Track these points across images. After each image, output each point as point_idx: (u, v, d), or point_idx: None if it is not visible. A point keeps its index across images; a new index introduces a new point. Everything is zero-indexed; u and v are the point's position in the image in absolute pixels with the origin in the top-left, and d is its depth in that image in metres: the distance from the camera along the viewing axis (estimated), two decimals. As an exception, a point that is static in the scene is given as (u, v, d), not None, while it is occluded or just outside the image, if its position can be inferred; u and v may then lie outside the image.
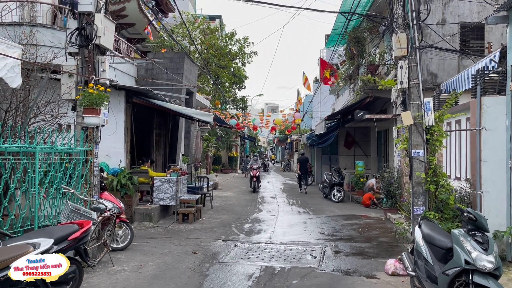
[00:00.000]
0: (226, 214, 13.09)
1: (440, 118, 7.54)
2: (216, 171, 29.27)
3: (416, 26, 7.36)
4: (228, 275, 6.81)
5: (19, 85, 6.42)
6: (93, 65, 7.68)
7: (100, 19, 7.56)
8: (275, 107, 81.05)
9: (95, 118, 7.42)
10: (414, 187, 7.49)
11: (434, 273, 4.84)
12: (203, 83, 26.68)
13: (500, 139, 7.17)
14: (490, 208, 7.16)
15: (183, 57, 16.11)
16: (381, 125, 16.34)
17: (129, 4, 16.96)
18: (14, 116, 7.69)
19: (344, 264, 7.54)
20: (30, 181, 6.49)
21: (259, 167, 21.35)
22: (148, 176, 11.61)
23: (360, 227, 11.12)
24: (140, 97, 11.91)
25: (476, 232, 4.64)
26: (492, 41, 12.56)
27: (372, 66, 15.63)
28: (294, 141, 38.61)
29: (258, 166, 21.03)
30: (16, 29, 9.86)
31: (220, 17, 37.40)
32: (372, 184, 15.53)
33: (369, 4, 15.59)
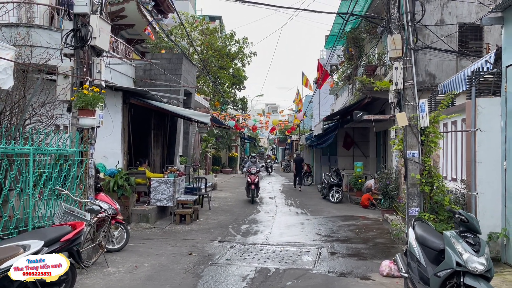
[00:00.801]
0: (224, 215, 13.08)
1: (435, 119, 7.53)
2: (216, 172, 29.26)
3: (410, 27, 7.35)
4: (223, 276, 6.80)
5: (10, 87, 6.42)
6: (89, 66, 7.69)
7: (96, 20, 7.57)
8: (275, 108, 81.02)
9: (90, 119, 7.43)
10: (409, 188, 7.48)
11: (427, 274, 4.83)
12: (202, 83, 26.70)
13: (495, 140, 7.15)
14: (485, 209, 7.14)
15: (181, 58, 16.12)
16: (380, 126, 16.32)
17: (128, 5, 16.97)
18: (9, 117, 7.69)
19: (340, 265, 7.53)
20: (24, 182, 6.49)
21: (258, 171, 16.78)
22: (145, 177, 11.61)
23: (357, 228, 11.10)
24: (138, 98, 11.92)
25: (468, 234, 4.63)
26: (490, 41, 12.53)
27: (371, 67, 15.60)
28: (294, 141, 38.61)
29: (257, 170, 16.67)
30: (13, 30, 9.87)
31: (220, 18, 37.41)
32: (370, 185, 15.52)
33: (367, 5, 15.58)
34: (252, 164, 17.40)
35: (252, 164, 17.40)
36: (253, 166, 16.93)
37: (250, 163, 17.72)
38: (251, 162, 17.73)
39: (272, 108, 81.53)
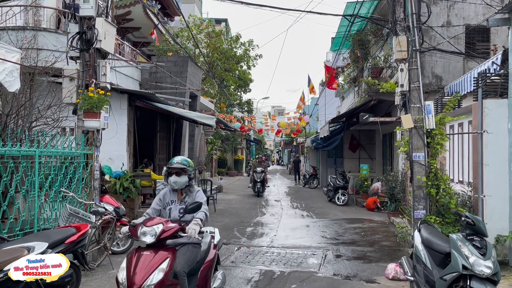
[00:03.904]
0: (229, 217, 13.07)
1: (441, 121, 7.48)
2: (222, 174, 29.29)
3: (416, 28, 7.31)
4: (227, 279, 6.74)
5: (17, 89, 6.47)
6: (94, 68, 7.72)
7: (101, 23, 7.60)
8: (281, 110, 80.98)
9: (95, 121, 7.45)
10: (415, 190, 7.42)
11: (433, 278, 4.78)
12: (208, 86, 26.76)
13: (502, 142, 7.08)
14: (492, 212, 7.07)
15: (186, 60, 16.17)
16: (386, 128, 16.24)
17: (135, 8, 17.05)
18: (15, 119, 7.74)
19: (345, 268, 7.48)
20: (30, 184, 6.52)
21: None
22: (150, 179, 11.63)
23: (363, 231, 11.04)
24: (143, 101, 11.96)
25: (475, 237, 4.58)
26: (497, 43, 12.42)
27: (377, 69, 15.55)
28: (299, 144, 38.54)
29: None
30: (20, 33, 9.95)
31: (226, 21, 37.56)
32: (377, 187, 15.43)
33: (373, 7, 15.54)
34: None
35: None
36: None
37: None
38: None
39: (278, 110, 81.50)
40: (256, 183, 18.84)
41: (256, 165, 19.91)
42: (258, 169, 18.94)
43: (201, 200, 4.58)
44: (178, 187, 4.72)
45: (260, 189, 18.81)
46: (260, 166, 19.42)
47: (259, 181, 18.87)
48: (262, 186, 19.03)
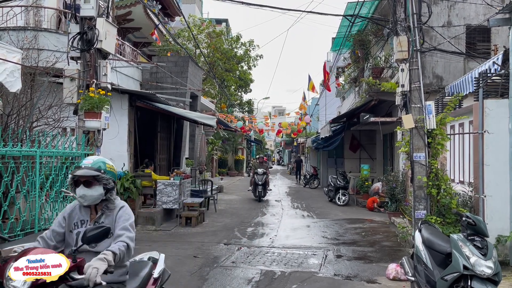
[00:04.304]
0: (230, 217, 13.07)
1: (442, 121, 7.47)
2: (222, 174, 29.29)
3: (417, 29, 7.31)
4: (228, 279, 6.78)
5: (18, 90, 6.48)
6: (95, 69, 7.74)
7: (102, 23, 7.62)
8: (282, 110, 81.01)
9: (95, 121, 7.46)
10: (416, 191, 7.42)
11: (434, 278, 4.78)
12: (209, 86, 26.76)
13: (503, 142, 7.08)
14: (493, 212, 7.06)
15: (187, 60, 16.17)
16: (387, 128, 16.24)
17: (135, 8, 17.07)
18: (16, 119, 7.76)
19: (346, 268, 7.48)
20: (31, 184, 6.53)
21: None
22: (151, 179, 11.64)
23: (364, 231, 11.04)
24: (144, 101, 11.96)
25: (475, 237, 4.58)
26: (498, 43, 12.41)
27: (377, 69, 15.55)
28: (300, 144, 38.53)
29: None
30: (21, 34, 9.96)
31: (227, 21, 37.57)
32: (377, 187, 15.42)
33: (373, 7, 15.54)
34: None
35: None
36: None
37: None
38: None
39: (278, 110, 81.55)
40: (257, 186, 16.76)
41: (257, 166, 17.78)
42: (259, 171, 16.88)
43: (125, 222, 3.22)
44: (88, 202, 3.30)
45: (261, 193, 16.81)
46: (261, 167, 17.40)
47: (260, 184, 16.78)
48: (263, 190, 17.00)
